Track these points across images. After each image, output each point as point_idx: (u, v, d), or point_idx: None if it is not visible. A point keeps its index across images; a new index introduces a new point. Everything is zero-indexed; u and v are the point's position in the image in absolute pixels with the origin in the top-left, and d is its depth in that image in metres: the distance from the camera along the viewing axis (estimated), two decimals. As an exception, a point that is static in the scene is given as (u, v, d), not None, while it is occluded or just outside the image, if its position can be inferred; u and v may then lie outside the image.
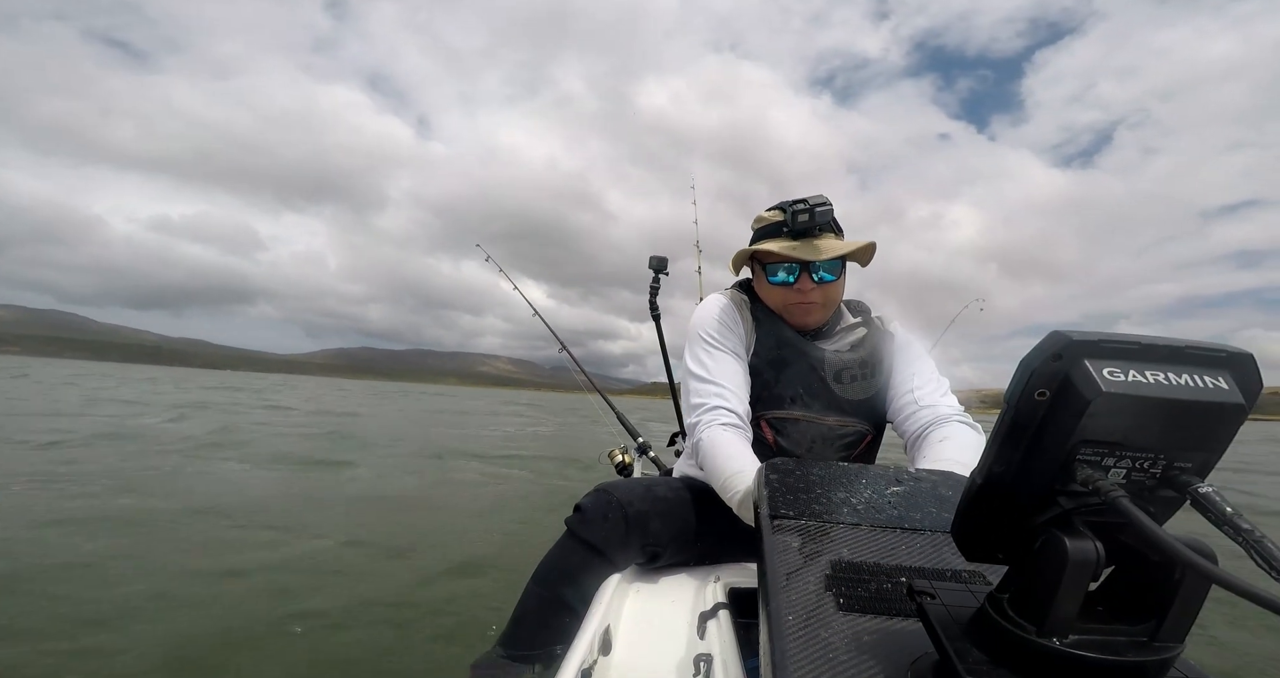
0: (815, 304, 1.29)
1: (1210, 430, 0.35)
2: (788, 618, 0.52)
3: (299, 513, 3.46)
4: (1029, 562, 0.38)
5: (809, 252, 1.25)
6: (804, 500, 0.80)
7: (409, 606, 2.13)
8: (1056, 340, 0.35)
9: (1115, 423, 0.34)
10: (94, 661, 1.65)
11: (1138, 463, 0.36)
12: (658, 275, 2.52)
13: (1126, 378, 0.34)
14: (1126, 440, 0.35)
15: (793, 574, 0.60)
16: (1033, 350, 0.36)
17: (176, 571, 2.34)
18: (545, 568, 1.12)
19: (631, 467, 2.29)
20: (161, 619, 1.91)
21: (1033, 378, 0.36)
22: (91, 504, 3.30)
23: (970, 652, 0.38)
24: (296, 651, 1.76)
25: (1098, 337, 0.35)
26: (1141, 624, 0.36)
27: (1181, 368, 0.34)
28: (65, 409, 9.16)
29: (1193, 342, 0.35)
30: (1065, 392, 0.35)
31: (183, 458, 5.15)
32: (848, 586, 0.58)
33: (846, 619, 0.52)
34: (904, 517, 0.77)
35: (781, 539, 0.69)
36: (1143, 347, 0.34)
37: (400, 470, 5.42)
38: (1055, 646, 0.35)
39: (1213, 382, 0.34)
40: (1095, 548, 0.35)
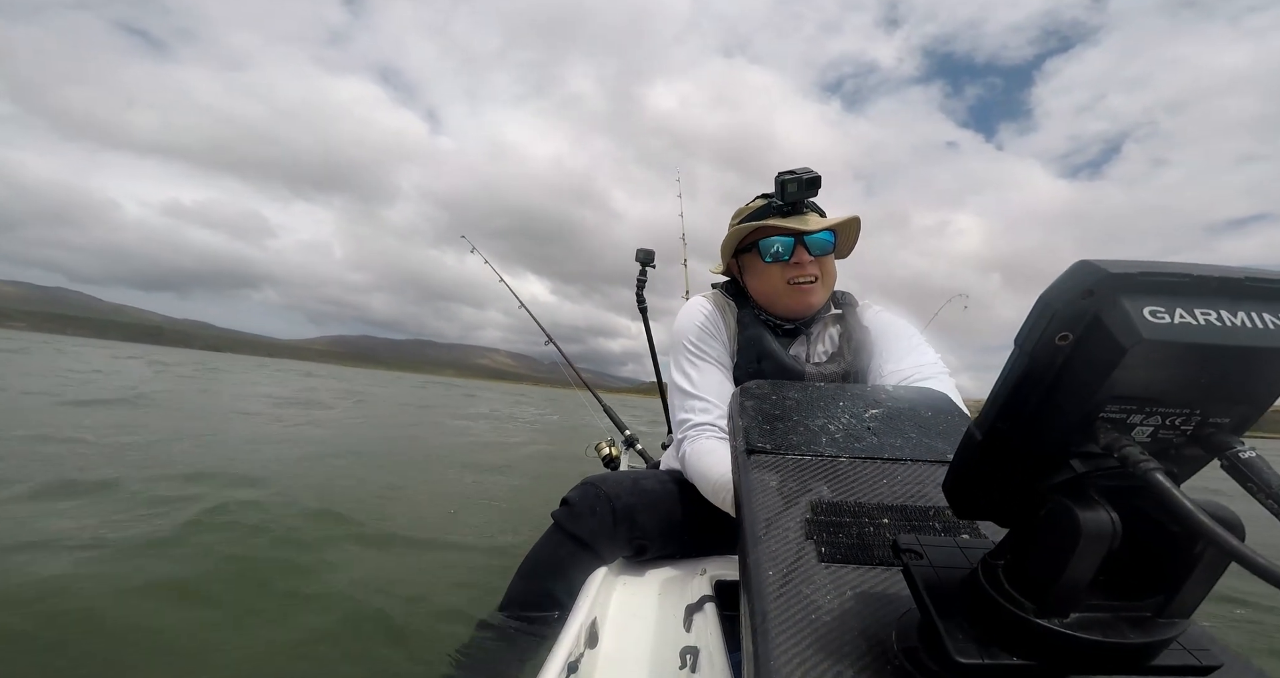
0: (814, 278, 1.25)
1: (1262, 381, 0.28)
2: (768, 573, 0.48)
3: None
4: (1031, 530, 0.33)
5: (802, 223, 1.24)
6: (781, 430, 0.75)
7: (381, 593, 1.92)
8: (1087, 273, 0.27)
9: (1155, 375, 0.27)
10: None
11: (1168, 419, 0.29)
12: (644, 268, 2.45)
13: (1173, 320, 0.26)
14: (1163, 395, 0.28)
15: (772, 521, 0.56)
16: (1054, 284, 0.29)
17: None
18: (531, 562, 1.09)
19: (619, 459, 2.27)
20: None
21: (1053, 319, 0.28)
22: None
23: (960, 625, 0.33)
24: (234, 648, 1.53)
25: (1139, 268, 0.27)
26: (1148, 598, 0.31)
27: (1238, 305, 0.27)
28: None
29: (1254, 270, 0.28)
30: (1094, 337, 0.27)
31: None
32: (829, 532, 0.54)
33: (828, 572, 0.48)
34: (883, 444, 0.73)
35: (759, 478, 0.64)
36: (1195, 279, 0.27)
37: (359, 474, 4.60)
38: (1055, 627, 0.30)
39: (1274, 321, 0.27)
40: (1111, 520, 0.29)
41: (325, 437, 5.68)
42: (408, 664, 1.53)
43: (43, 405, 5.60)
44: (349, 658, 1.54)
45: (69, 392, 7.19)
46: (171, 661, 1.40)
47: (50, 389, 7.21)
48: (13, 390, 6.74)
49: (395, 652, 1.61)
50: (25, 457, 3.27)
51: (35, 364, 12.16)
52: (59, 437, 3.99)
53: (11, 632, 1.43)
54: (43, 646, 1.40)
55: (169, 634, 1.50)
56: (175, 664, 1.38)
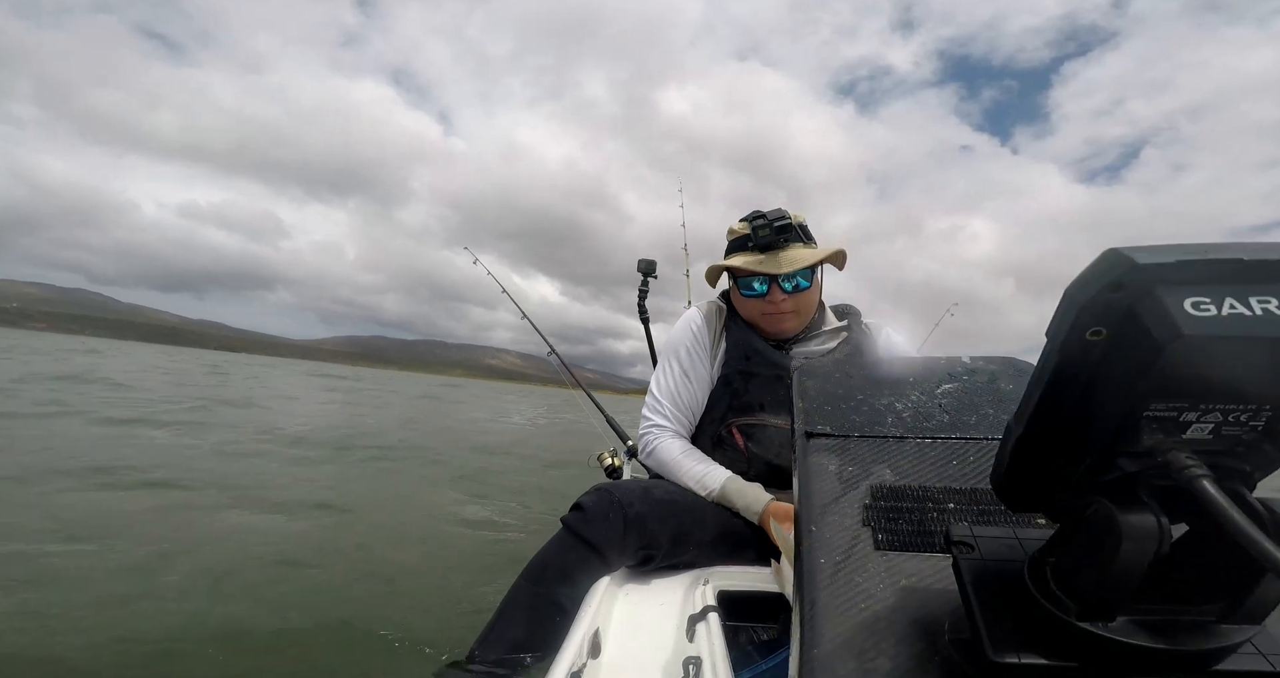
0: (788, 313, 1.33)
1: None
2: (820, 561, 0.49)
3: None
4: (1077, 529, 0.31)
5: (773, 265, 1.29)
6: (843, 411, 0.71)
7: (359, 603, 1.91)
8: (1115, 263, 0.25)
9: (1201, 372, 0.25)
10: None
11: (1231, 416, 0.26)
12: (646, 278, 2.52)
13: (1220, 312, 0.24)
14: (1217, 393, 0.25)
15: (828, 507, 0.56)
16: (1081, 275, 0.26)
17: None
18: (539, 566, 1.07)
19: (621, 470, 2.26)
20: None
21: (1081, 314, 0.26)
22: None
23: (1001, 626, 0.32)
24: (236, 654, 1.55)
25: (1175, 254, 0.24)
26: (1211, 602, 0.28)
27: (1300, 291, 0.24)
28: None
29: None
30: (1129, 331, 0.25)
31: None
32: (888, 518, 0.53)
33: (884, 560, 0.48)
34: (955, 422, 0.68)
35: (818, 462, 0.63)
36: (1244, 264, 0.24)
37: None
38: (1097, 631, 0.28)
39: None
40: (1158, 523, 0.27)
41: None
42: (407, 664, 1.55)
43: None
44: (347, 656, 1.57)
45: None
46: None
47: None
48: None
49: (395, 650, 1.61)
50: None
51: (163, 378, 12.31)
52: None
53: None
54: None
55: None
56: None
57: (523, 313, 3.04)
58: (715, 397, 1.38)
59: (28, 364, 12.35)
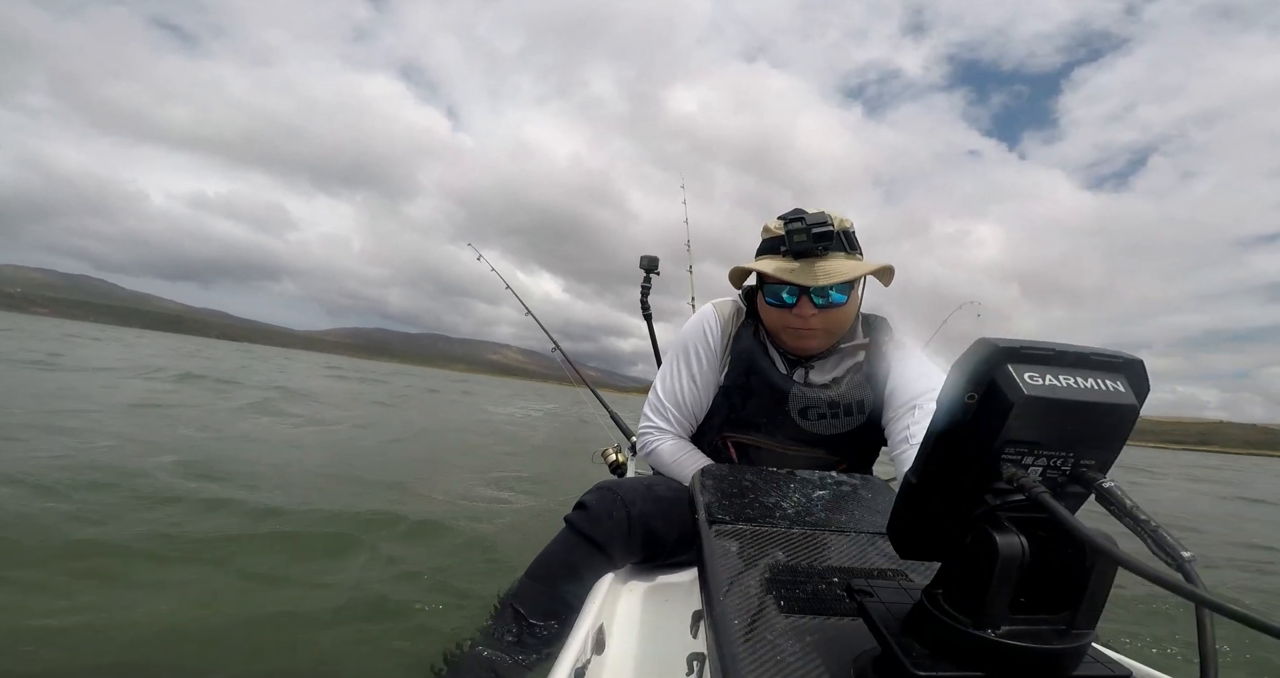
0: (814, 330, 1.18)
1: (1111, 430, 0.37)
2: (734, 622, 0.52)
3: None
4: (961, 558, 0.39)
5: (807, 275, 1.13)
6: (739, 505, 0.81)
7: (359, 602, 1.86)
8: (985, 347, 0.37)
9: (1034, 424, 0.36)
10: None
11: (1052, 461, 0.38)
12: (649, 275, 2.52)
13: (1044, 382, 0.36)
14: (1043, 440, 0.37)
15: (734, 580, 0.60)
16: (963, 356, 0.38)
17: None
18: (544, 563, 1.07)
19: (625, 466, 2.22)
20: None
21: (963, 382, 0.37)
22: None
23: (912, 646, 0.38)
24: (229, 649, 1.51)
25: (1019, 343, 0.37)
26: (1059, 613, 0.37)
27: (1087, 372, 0.37)
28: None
29: (1095, 348, 0.38)
30: (992, 395, 0.36)
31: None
32: (787, 588, 0.59)
33: (789, 620, 0.52)
34: (831, 519, 0.80)
35: (721, 544, 0.69)
36: (1056, 352, 0.37)
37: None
38: (991, 637, 0.36)
39: (1112, 386, 0.37)
40: (1021, 542, 0.36)
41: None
42: (405, 663, 1.47)
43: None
44: (348, 652, 1.50)
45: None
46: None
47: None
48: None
49: (395, 649, 1.54)
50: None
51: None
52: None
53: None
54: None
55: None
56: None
57: (526, 309, 2.94)
58: (716, 405, 1.31)
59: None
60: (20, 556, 1.77)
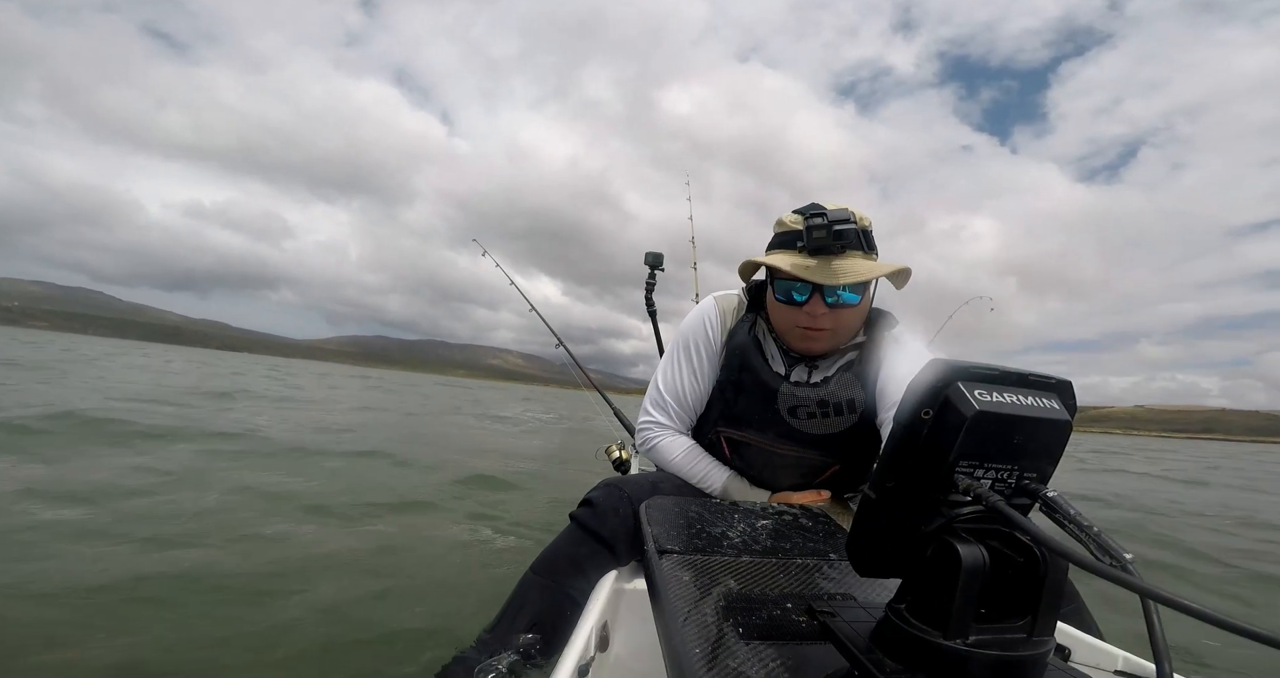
0: (824, 331, 1.14)
1: (1049, 444, 0.40)
2: (694, 651, 0.50)
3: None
4: (922, 571, 0.40)
5: (823, 273, 1.08)
6: (687, 536, 0.81)
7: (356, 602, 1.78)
8: (938, 366, 0.39)
9: (984, 437, 0.38)
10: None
11: (999, 474, 0.40)
12: (653, 271, 2.48)
13: (992, 398, 0.38)
14: (991, 454, 0.39)
15: (690, 610, 0.59)
16: (918, 375, 0.40)
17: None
18: (549, 558, 1.05)
19: (629, 463, 2.16)
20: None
21: (919, 400, 0.39)
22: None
23: (884, 661, 0.39)
24: (229, 646, 1.42)
25: (968, 364, 0.39)
26: (1020, 620, 0.39)
27: (1027, 391, 0.40)
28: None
29: (1031, 371, 0.41)
30: (946, 410, 0.38)
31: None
32: (744, 615, 0.58)
33: (750, 648, 0.51)
34: (776, 546, 0.82)
35: (673, 574, 0.68)
36: (1000, 373, 0.40)
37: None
38: (961, 647, 0.37)
39: (1048, 403, 0.40)
40: (982, 553, 0.38)
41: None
42: (410, 658, 1.42)
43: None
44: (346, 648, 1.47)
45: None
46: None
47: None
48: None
49: (400, 644, 1.49)
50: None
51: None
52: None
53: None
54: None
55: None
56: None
57: (531, 306, 2.83)
58: (712, 399, 1.28)
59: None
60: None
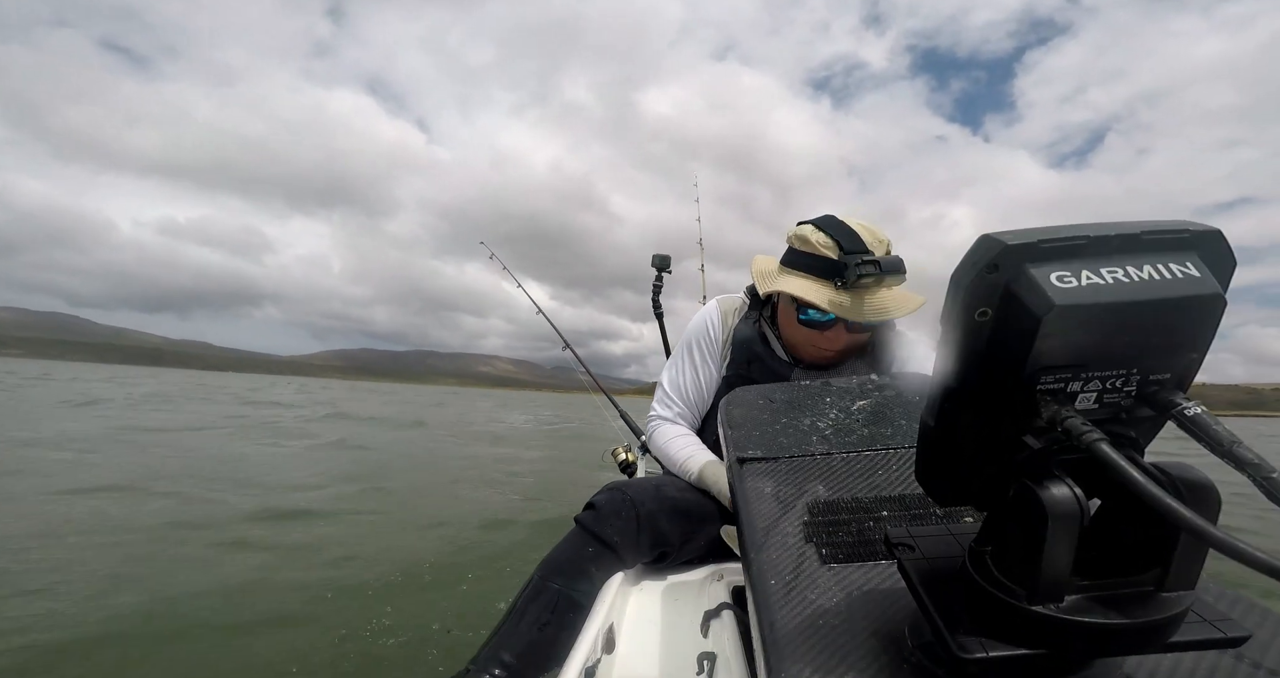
0: (839, 353, 1.20)
1: (1187, 330, 0.27)
2: (770, 582, 0.46)
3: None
4: (1006, 513, 0.31)
5: (858, 311, 1.09)
6: (770, 434, 0.74)
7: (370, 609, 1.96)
8: (989, 246, 0.27)
9: (1076, 340, 0.26)
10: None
11: (1108, 383, 0.28)
12: (660, 274, 2.46)
13: (1080, 283, 0.26)
14: (1092, 359, 0.27)
15: (769, 528, 0.54)
16: (963, 260, 0.28)
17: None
18: (555, 562, 1.06)
19: (635, 465, 2.23)
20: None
21: (967, 296, 0.28)
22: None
23: (960, 618, 0.31)
24: (239, 653, 1.61)
25: (1037, 235, 0.27)
26: (1146, 572, 0.29)
27: (1142, 258, 0.27)
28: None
29: (1149, 223, 0.27)
30: (1009, 309, 0.27)
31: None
32: (828, 532, 0.52)
33: (831, 574, 0.46)
34: (874, 435, 0.72)
35: (755, 486, 0.63)
36: (1093, 239, 0.26)
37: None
38: (1051, 613, 0.28)
39: (1180, 270, 0.26)
40: (1075, 496, 0.27)
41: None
42: (416, 661, 1.54)
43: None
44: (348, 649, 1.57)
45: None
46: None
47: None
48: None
49: (405, 647, 1.61)
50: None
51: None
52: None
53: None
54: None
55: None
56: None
57: (538, 309, 3.00)
58: (719, 396, 1.33)
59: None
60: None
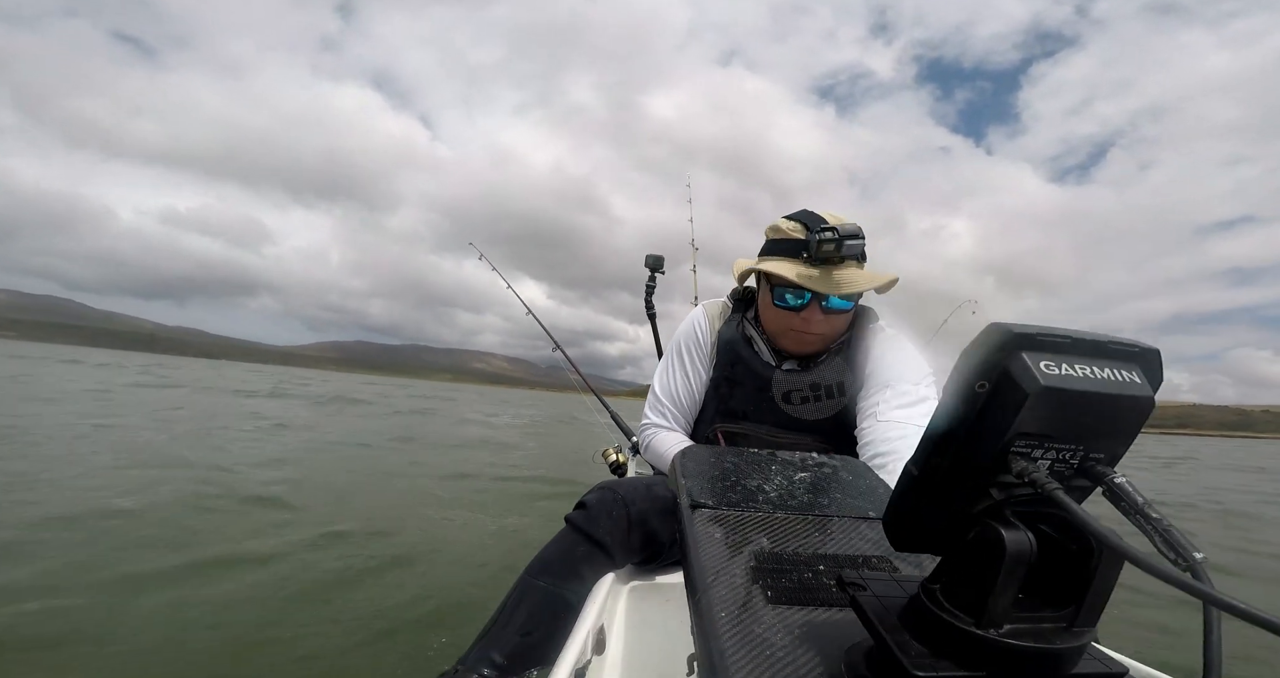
0: (817, 335, 1.22)
1: (1125, 422, 0.35)
2: (720, 614, 0.49)
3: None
4: (962, 553, 0.37)
5: (826, 283, 1.14)
6: (721, 489, 0.79)
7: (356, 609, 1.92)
8: (997, 332, 0.34)
9: (1049, 415, 0.33)
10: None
11: (1061, 454, 0.35)
12: (654, 274, 2.48)
13: (1060, 371, 0.33)
14: (1055, 433, 0.34)
15: (719, 569, 0.58)
16: (973, 342, 0.35)
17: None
18: (545, 562, 1.05)
19: (625, 466, 2.21)
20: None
21: (973, 370, 0.34)
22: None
23: (909, 643, 0.36)
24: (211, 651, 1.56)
25: (1035, 329, 0.34)
26: (1062, 610, 0.35)
27: (1104, 362, 0.34)
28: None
29: (1113, 337, 0.35)
30: (1005, 384, 0.33)
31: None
32: (773, 577, 0.56)
33: (776, 612, 0.50)
34: (814, 503, 0.78)
35: (705, 530, 0.66)
36: (1074, 341, 0.34)
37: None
38: (994, 637, 0.33)
39: (1128, 376, 0.34)
40: (1029, 539, 0.33)
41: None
42: (402, 661, 1.52)
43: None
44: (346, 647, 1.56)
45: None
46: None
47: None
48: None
49: (395, 649, 1.59)
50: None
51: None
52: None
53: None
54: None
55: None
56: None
57: (528, 310, 2.96)
58: (708, 398, 1.36)
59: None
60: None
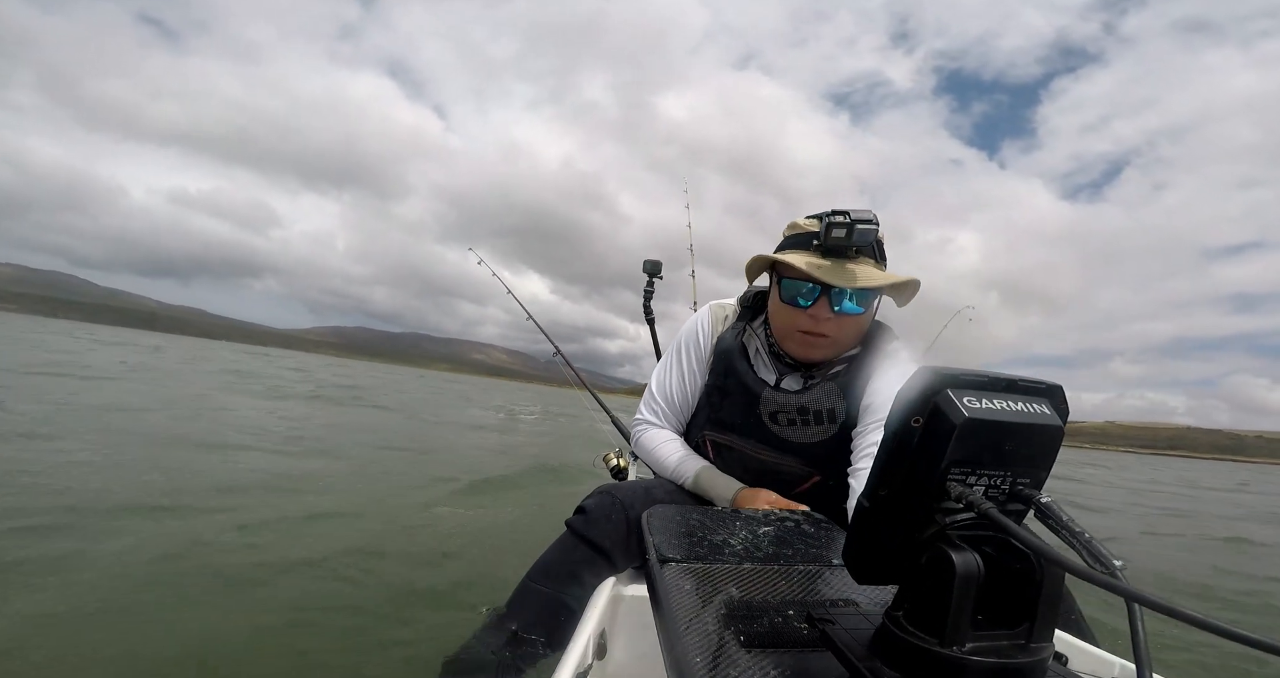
0: (825, 338, 1.11)
1: (1041, 450, 0.40)
2: (695, 660, 0.50)
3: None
4: (918, 578, 0.39)
5: (836, 275, 1.04)
6: (689, 544, 0.80)
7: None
8: (926, 374, 0.39)
9: (975, 444, 0.37)
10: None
11: (992, 480, 0.39)
12: (652, 279, 2.49)
13: (981, 405, 0.38)
14: (983, 460, 0.38)
15: (692, 618, 0.58)
16: (907, 383, 0.39)
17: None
18: (546, 566, 1.03)
19: (626, 470, 2.14)
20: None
21: (909, 408, 0.39)
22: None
23: (881, 669, 0.38)
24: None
25: (957, 371, 0.39)
26: (1017, 627, 0.38)
27: (1016, 397, 0.39)
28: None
29: (1021, 376, 0.41)
30: (935, 418, 0.38)
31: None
32: (745, 622, 0.57)
33: (751, 656, 0.51)
34: (778, 554, 0.80)
35: (675, 583, 0.67)
36: (989, 379, 0.39)
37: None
38: (958, 654, 0.36)
39: (1039, 408, 0.39)
40: (975, 560, 0.37)
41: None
42: (403, 662, 1.43)
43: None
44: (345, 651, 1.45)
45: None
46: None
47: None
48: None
49: (395, 653, 1.48)
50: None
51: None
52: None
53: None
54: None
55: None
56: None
57: (528, 314, 2.87)
58: (700, 404, 1.32)
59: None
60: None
